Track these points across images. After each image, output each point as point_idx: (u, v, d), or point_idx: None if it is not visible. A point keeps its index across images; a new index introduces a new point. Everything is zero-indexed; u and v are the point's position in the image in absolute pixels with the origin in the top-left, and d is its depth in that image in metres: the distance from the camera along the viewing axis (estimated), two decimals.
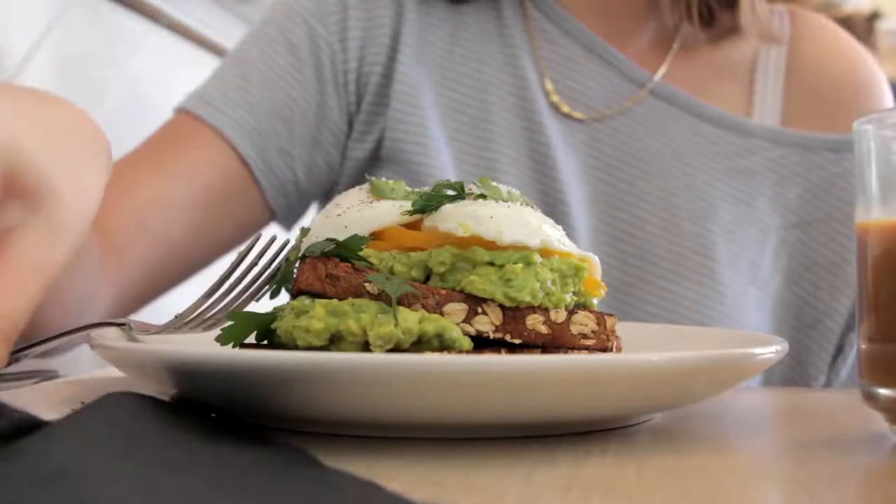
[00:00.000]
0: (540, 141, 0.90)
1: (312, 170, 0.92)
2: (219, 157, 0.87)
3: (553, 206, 0.87)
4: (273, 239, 0.56)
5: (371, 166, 0.92)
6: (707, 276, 0.87)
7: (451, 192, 0.53)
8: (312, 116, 0.91)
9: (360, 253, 0.50)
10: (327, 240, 0.51)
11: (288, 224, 0.94)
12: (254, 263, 0.56)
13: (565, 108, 0.92)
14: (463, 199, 0.53)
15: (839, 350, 0.91)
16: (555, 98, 0.92)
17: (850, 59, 1.00)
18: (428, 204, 0.53)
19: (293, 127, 0.90)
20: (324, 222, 0.54)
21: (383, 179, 0.56)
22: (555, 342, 0.50)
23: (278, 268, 0.56)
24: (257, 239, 0.56)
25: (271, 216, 0.92)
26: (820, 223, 0.92)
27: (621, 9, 0.96)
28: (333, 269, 0.50)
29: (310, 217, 0.98)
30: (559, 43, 0.94)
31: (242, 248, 0.56)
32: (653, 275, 0.87)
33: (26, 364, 0.58)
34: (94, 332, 0.54)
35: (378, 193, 0.55)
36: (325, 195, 0.95)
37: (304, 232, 0.55)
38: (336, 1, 0.93)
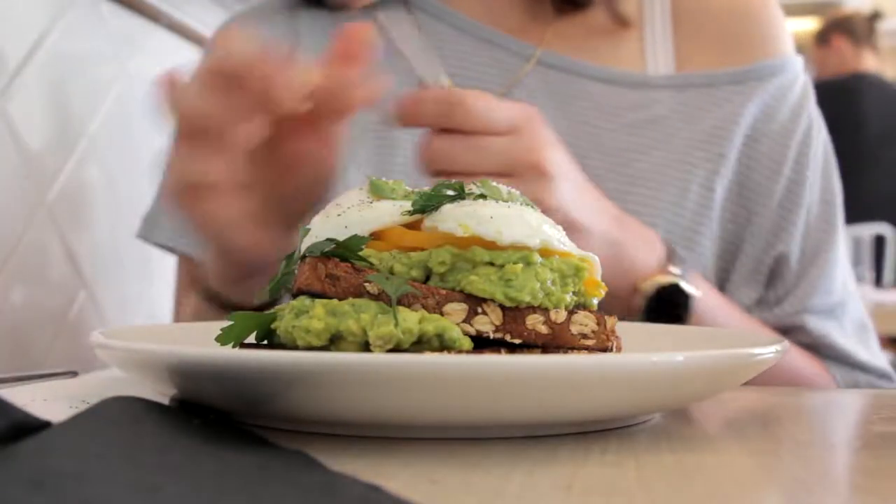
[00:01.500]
0: None
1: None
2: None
3: None
4: None
5: None
6: None
7: (451, 192, 0.53)
8: None
9: (360, 253, 0.50)
10: (327, 240, 0.51)
11: None
12: None
13: None
14: (463, 199, 0.53)
15: (773, 271, 0.93)
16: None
17: None
18: (428, 204, 0.52)
19: None
20: (324, 222, 0.54)
21: (383, 179, 0.56)
22: (555, 342, 0.50)
23: None
24: None
25: None
26: (737, 152, 0.93)
27: None
28: (333, 269, 0.50)
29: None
30: (449, 38, 0.96)
31: None
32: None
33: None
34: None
35: (378, 193, 0.55)
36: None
37: (305, 232, 0.55)
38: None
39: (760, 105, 0.94)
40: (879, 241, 3.55)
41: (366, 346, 0.47)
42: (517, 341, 0.49)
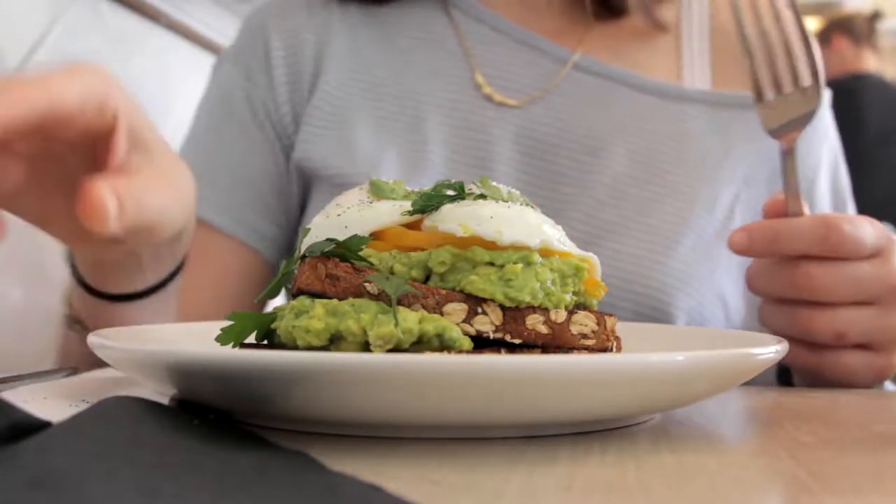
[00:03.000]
0: (477, 137, 0.92)
1: (288, 210, 0.97)
2: (226, 254, 0.93)
3: None
4: None
5: (310, 189, 0.95)
6: (651, 233, 0.88)
7: (451, 192, 0.53)
8: (271, 168, 0.96)
9: (360, 253, 0.50)
10: (327, 240, 0.51)
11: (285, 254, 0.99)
12: None
13: (498, 98, 0.94)
14: (463, 198, 0.53)
15: None
16: (487, 90, 0.94)
17: None
18: (428, 204, 0.53)
19: (258, 187, 0.96)
20: (324, 222, 0.54)
21: (383, 179, 0.56)
22: (555, 342, 0.50)
23: None
24: None
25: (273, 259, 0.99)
26: (765, 181, 0.93)
27: None
28: (333, 269, 0.50)
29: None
30: (488, 39, 0.97)
31: None
32: (599, 238, 0.88)
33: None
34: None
35: (378, 193, 0.55)
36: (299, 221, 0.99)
37: (305, 232, 0.55)
38: (259, 50, 0.97)
39: None
40: None
41: (366, 346, 0.47)
42: (517, 341, 0.49)
